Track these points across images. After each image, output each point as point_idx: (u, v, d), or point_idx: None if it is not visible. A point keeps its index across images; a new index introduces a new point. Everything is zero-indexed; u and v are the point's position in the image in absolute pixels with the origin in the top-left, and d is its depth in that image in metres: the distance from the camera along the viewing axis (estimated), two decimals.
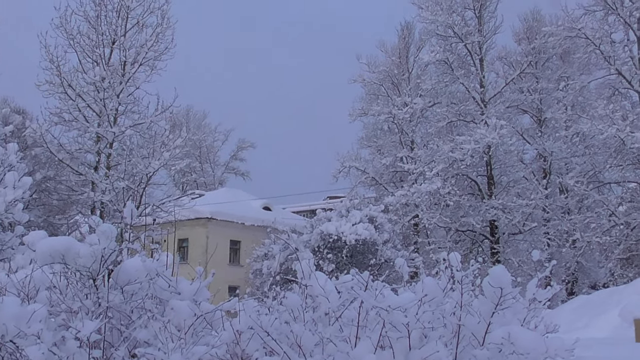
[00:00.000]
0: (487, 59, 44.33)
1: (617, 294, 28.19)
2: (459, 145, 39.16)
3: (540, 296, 7.20)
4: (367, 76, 48.15)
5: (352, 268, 6.99)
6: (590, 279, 42.57)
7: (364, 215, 36.48)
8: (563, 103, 42.98)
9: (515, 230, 41.80)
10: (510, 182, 43.67)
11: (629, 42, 41.39)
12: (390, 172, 46.14)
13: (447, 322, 6.57)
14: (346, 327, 6.52)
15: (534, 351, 6.35)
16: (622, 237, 39.04)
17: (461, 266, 7.02)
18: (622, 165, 40.78)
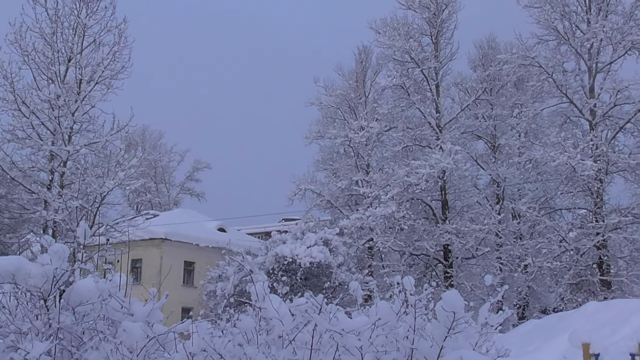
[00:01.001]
0: (443, 84, 44.80)
1: (566, 319, 28.55)
2: (414, 169, 39.44)
3: (492, 320, 7.27)
4: (324, 99, 48.33)
5: (307, 291, 6.99)
6: (541, 304, 42.99)
7: (318, 238, 36.49)
8: (517, 130, 43.60)
9: (468, 255, 42.12)
10: (464, 207, 44.04)
11: (580, 71, 42.22)
12: (345, 196, 46.26)
13: (400, 346, 6.59)
14: (300, 350, 6.51)
15: None
16: (572, 262, 39.59)
17: (415, 290, 7.06)
18: (572, 192, 41.44)
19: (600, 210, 40.19)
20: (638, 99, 40.43)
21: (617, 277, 40.21)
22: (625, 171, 41.63)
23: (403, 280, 7.32)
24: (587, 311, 29.19)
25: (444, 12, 44.16)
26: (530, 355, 22.08)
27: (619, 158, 40.40)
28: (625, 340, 20.43)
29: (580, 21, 42.21)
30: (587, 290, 40.15)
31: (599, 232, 39.26)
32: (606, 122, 42.05)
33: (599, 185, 40.05)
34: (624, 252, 41.73)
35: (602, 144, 40.28)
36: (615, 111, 41.75)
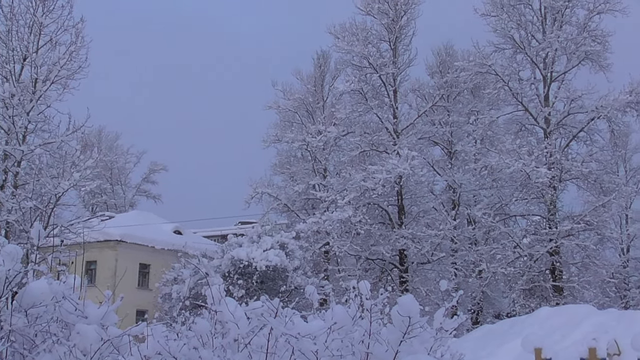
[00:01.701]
0: (400, 90, 45.03)
1: (519, 324, 28.84)
2: (371, 174, 39.58)
3: (447, 325, 7.33)
4: (282, 103, 48.32)
5: (263, 294, 6.99)
6: (495, 309, 43.40)
7: (275, 242, 36.43)
8: (473, 136, 43.99)
9: (424, 260, 42.36)
10: (420, 212, 44.30)
11: (536, 80, 42.81)
12: (302, 199, 46.24)
13: (356, 350, 6.62)
14: (255, 354, 6.50)
15: None
16: (526, 268, 40.04)
17: (370, 294, 7.10)
18: (527, 198, 41.94)
19: (554, 217, 40.72)
20: (591, 108, 41.06)
21: (569, 283, 40.76)
22: (578, 179, 42.27)
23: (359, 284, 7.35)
24: (539, 316, 29.52)
25: (402, 18, 44.41)
26: None
27: (572, 166, 40.99)
28: (576, 345, 20.70)
29: (536, 31, 42.79)
30: (539, 296, 40.63)
31: (552, 238, 39.78)
32: (560, 131, 42.66)
33: (552, 192, 40.58)
34: (576, 258, 42.33)
35: (556, 152, 40.84)
36: (569, 120, 42.39)
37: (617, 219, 47.95)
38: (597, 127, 42.91)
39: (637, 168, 49.59)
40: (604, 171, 42.75)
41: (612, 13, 41.82)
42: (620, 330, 24.22)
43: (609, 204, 41.22)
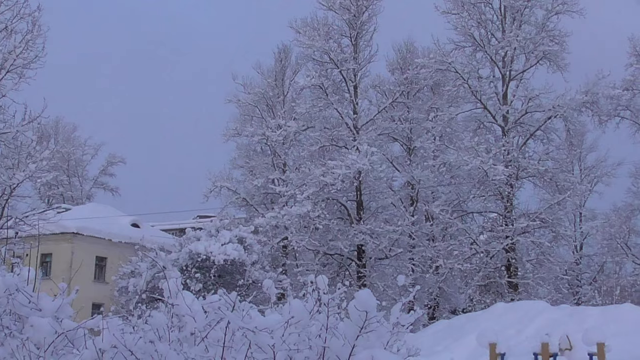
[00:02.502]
0: (361, 86, 45.13)
1: (474, 319, 29.17)
2: (331, 169, 39.63)
3: (404, 320, 7.37)
4: (243, 97, 48.12)
5: (220, 288, 6.97)
6: (451, 304, 43.75)
7: (233, 236, 36.34)
8: (432, 133, 44.23)
9: (381, 255, 42.56)
10: (378, 208, 44.49)
11: (495, 78, 43.23)
12: (261, 194, 46.16)
13: (313, 344, 6.62)
14: (212, 348, 6.48)
15: None
16: (482, 264, 40.47)
17: (328, 289, 7.11)
18: (484, 195, 42.37)
19: (510, 215, 41.18)
20: (548, 107, 41.56)
21: (524, 280, 41.30)
22: (535, 177, 42.80)
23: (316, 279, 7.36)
24: (494, 312, 29.90)
25: (364, 14, 44.51)
26: (440, 355, 22.45)
27: (529, 164, 41.49)
28: (530, 341, 21.01)
29: (496, 29, 43.20)
30: (495, 292, 41.10)
31: (508, 235, 40.24)
32: (518, 129, 43.14)
33: (509, 190, 41.03)
34: (531, 255, 42.87)
35: (513, 150, 41.30)
36: (526, 118, 42.87)
37: (572, 217, 48.64)
38: (554, 126, 43.52)
39: (591, 167, 50.31)
40: (559, 169, 43.34)
41: (569, 14, 42.39)
42: (572, 326, 24.60)
43: (563, 202, 41.79)
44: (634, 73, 44.74)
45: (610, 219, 45.87)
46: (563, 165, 45.00)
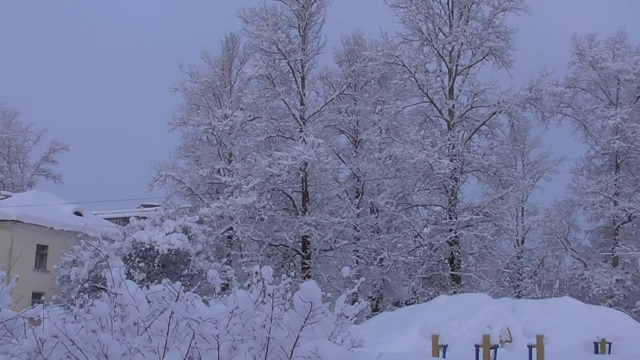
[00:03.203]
0: (308, 77, 45.14)
1: (417, 311, 29.48)
2: (277, 160, 39.58)
3: (348, 311, 7.41)
4: (189, 86, 47.70)
5: (164, 278, 6.93)
6: (395, 296, 44.09)
7: (178, 225, 36.06)
8: (378, 126, 44.43)
9: (326, 247, 42.68)
10: (324, 200, 44.58)
11: (441, 73, 43.60)
12: (206, 184, 45.89)
13: (257, 335, 6.63)
14: (155, 338, 6.44)
15: None
16: (426, 257, 40.86)
17: (273, 280, 7.11)
18: (429, 189, 42.72)
19: (454, 208, 41.64)
20: (493, 102, 42.07)
21: (467, 272, 41.84)
22: (479, 171, 43.33)
23: (261, 269, 7.36)
24: (437, 304, 30.24)
25: (312, 5, 44.50)
26: (383, 346, 22.61)
27: (473, 158, 41.97)
28: (471, 333, 21.31)
29: (443, 24, 43.54)
30: (438, 284, 41.53)
31: (452, 228, 40.68)
32: (463, 123, 43.59)
33: (453, 183, 41.46)
34: (474, 248, 43.42)
35: (458, 144, 41.73)
36: (472, 113, 43.37)
37: (514, 211, 49.36)
38: (498, 121, 44.09)
39: (534, 162, 51.09)
40: (503, 164, 43.96)
41: (515, 11, 42.91)
42: (513, 318, 25.06)
43: (506, 197, 42.38)
44: (576, 71, 45.59)
45: (551, 214, 46.66)
46: (506, 160, 45.63)
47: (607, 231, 45.10)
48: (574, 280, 45.42)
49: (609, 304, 39.67)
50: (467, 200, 43.88)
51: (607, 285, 41.51)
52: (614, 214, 43.51)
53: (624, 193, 44.14)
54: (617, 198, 43.55)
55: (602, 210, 43.81)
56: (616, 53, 45.08)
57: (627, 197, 44.17)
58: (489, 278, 43.72)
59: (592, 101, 45.99)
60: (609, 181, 43.60)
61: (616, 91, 45.29)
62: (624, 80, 44.14)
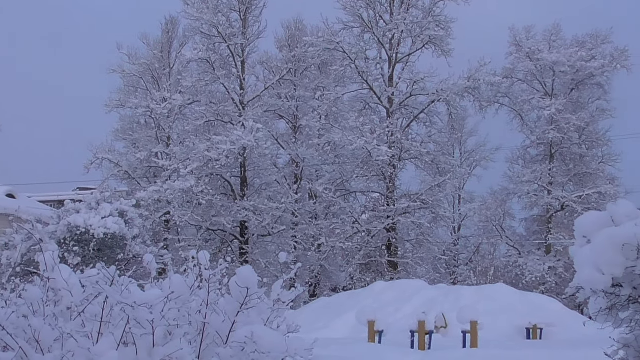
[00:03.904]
0: (248, 62, 44.92)
1: (354, 297, 29.69)
2: (215, 145, 39.36)
3: (285, 297, 7.42)
4: (127, 67, 47.02)
5: (99, 262, 6.84)
6: (332, 282, 44.34)
7: (114, 209, 35.54)
8: (318, 112, 44.48)
9: (264, 232, 42.64)
10: (262, 185, 44.51)
11: (382, 60, 43.79)
12: (144, 167, 45.36)
13: (193, 320, 6.60)
14: (89, 323, 6.36)
15: (276, 350, 6.54)
16: (363, 243, 41.16)
17: (210, 265, 7.09)
18: (367, 175, 43.01)
19: (392, 195, 41.97)
20: (432, 91, 42.45)
21: (404, 259, 42.27)
22: (417, 159, 43.71)
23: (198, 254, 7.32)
24: (374, 290, 30.50)
25: None
26: (320, 332, 22.74)
27: (411, 146, 42.33)
28: (407, 319, 21.54)
29: (384, 12, 43.71)
30: (375, 271, 41.89)
31: (390, 215, 41.02)
32: (402, 111, 43.91)
33: (392, 170, 41.79)
34: (411, 235, 43.88)
35: (397, 132, 42.04)
36: (411, 101, 43.69)
37: (451, 199, 50.04)
38: (437, 109, 44.50)
39: (471, 151, 51.79)
40: (440, 152, 44.41)
41: (455, 1, 43.28)
42: (448, 305, 25.42)
43: (444, 184, 42.89)
44: (514, 62, 46.33)
45: (487, 202, 47.42)
46: (444, 148, 46.12)
47: (541, 219, 45.99)
48: (508, 267, 46.28)
49: (541, 290, 40.52)
50: (405, 187, 44.34)
51: (540, 273, 42.42)
52: (547, 203, 44.40)
53: (558, 182, 45.07)
54: (551, 187, 44.44)
55: (536, 199, 44.68)
56: (552, 45, 45.95)
57: (560, 186, 45.11)
58: (426, 265, 44.29)
59: (528, 92, 46.79)
60: (543, 171, 44.46)
61: (552, 82, 46.17)
62: (559, 72, 45.01)
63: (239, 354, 6.44)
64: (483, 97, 44.20)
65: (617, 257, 5.93)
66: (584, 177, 45.46)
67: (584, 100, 46.47)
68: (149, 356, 6.05)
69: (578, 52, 44.47)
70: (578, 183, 45.66)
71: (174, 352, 6.01)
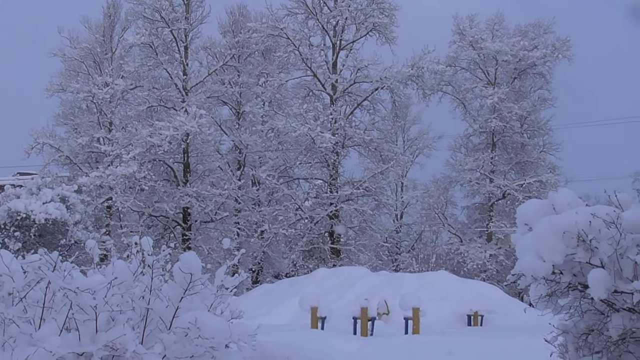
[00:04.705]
0: (192, 47, 44.58)
1: (297, 284, 29.84)
2: (158, 130, 39.05)
3: (228, 283, 7.46)
4: (68, 51, 46.33)
5: (41, 248, 6.80)
6: (275, 269, 44.41)
7: (55, 195, 35.15)
8: (261, 98, 44.37)
9: (207, 219, 42.49)
10: (205, 171, 44.31)
11: (325, 47, 43.82)
12: (86, 152, 44.79)
13: (136, 306, 6.60)
14: (31, 308, 6.33)
15: (219, 336, 6.58)
16: (306, 230, 41.28)
17: (153, 251, 7.09)
18: (310, 162, 43.09)
19: (335, 182, 42.12)
20: (375, 78, 42.64)
21: (346, 246, 42.52)
22: (360, 146, 43.92)
23: (141, 240, 7.32)
24: (316, 277, 30.67)
25: None
26: (262, 318, 22.78)
27: (355, 133, 42.49)
28: (349, 305, 21.72)
29: None
30: (318, 257, 42.07)
31: (333, 202, 41.18)
32: (346, 98, 44.03)
33: (335, 157, 41.93)
34: (354, 222, 44.13)
35: (340, 119, 42.15)
36: (354, 88, 43.82)
37: (394, 186, 50.43)
38: (381, 97, 44.69)
39: (414, 139, 52.23)
40: (384, 140, 44.64)
41: None
42: (390, 292, 25.68)
43: (386, 172, 43.19)
44: (457, 50, 46.72)
45: (429, 189, 47.92)
46: (387, 135, 46.39)
47: (483, 207, 46.62)
48: (450, 254, 46.82)
49: (482, 278, 41.09)
50: (348, 174, 44.50)
51: (481, 260, 43.02)
52: (489, 191, 45.01)
53: (499, 171, 45.73)
54: (493, 175, 45.06)
55: (478, 187, 45.27)
56: (495, 34, 46.49)
57: (502, 174, 45.77)
58: (368, 252, 44.59)
59: (471, 80, 47.30)
60: (485, 159, 45.04)
61: (494, 71, 46.75)
62: (502, 61, 45.58)
63: (183, 340, 6.47)
64: (426, 85, 44.50)
65: (558, 245, 6.06)
66: (525, 166, 46.17)
67: (526, 89, 47.14)
68: (92, 342, 6.04)
69: (520, 42, 45.07)
70: (519, 171, 46.34)
71: (117, 337, 6.02)
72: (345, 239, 43.41)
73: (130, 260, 7.10)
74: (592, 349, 6.51)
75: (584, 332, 6.58)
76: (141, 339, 6.44)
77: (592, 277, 5.91)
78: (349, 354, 13.03)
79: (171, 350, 6.45)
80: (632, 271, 5.85)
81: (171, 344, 6.46)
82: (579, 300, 6.47)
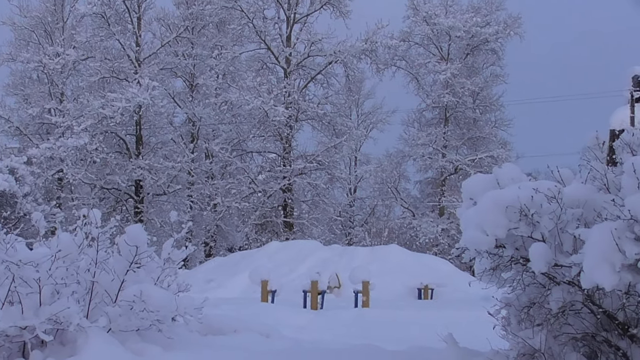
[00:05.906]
0: (145, 18, 44.05)
1: (249, 257, 29.89)
2: (110, 102, 38.63)
3: (175, 256, 7.47)
4: (18, 20, 45.42)
5: None
6: (228, 242, 44.35)
7: (4, 166, 34.62)
8: (215, 71, 44.08)
9: (160, 191, 42.26)
10: (158, 144, 43.99)
11: (279, 20, 43.71)
12: (36, 124, 44.11)
13: (82, 279, 6.58)
14: None
15: (165, 308, 6.60)
16: (259, 204, 41.29)
17: (103, 224, 7.05)
18: (264, 136, 43.04)
19: (289, 156, 42.15)
20: (329, 52, 42.60)
21: (299, 220, 42.63)
22: (313, 120, 43.97)
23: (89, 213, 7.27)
24: (268, 250, 30.75)
25: None
26: (213, 292, 22.82)
27: (308, 107, 42.50)
28: (301, 279, 21.84)
29: None
30: (271, 231, 42.14)
31: (286, 176, 41.22)
32: (299, 72, 43.98)
33: (288, 131, 41.92)
34: (307, 196, 44.26)
35: (294, 92, 42.10)
36: (308, 62, 43.78)
37: (347, 160, 50.53)
38: (334, 71, 44.70)
39: (367, 113, 52.32)
40: (337, 114, 44.72)
41: None
42: (342, 265, 25.84)
43: (340, 146, 43.30)
44: (411, 26, 46.79)
45: (382, 164, 48.15)
46: (341, 110, 46.45)
47: (435, 182, 47.00)
48: (402, 228, 47.22)
49: (434, 252, 41.50)
50: (302, 148, 44.56)
51: (433, 234, 43.45)
52: (441, 166, 45.38)
53: (452, 146, 46.10)
54: (445, 150, 45.42)
55: (430, 161, 45.62)
56: (449, 10, 46.66)
57: (454, 149, 46.17)
58: (321, 225, 44.78)
59: (424, 55, 47.49)
60: (438, 134, 45.36)
61: (447, 47, 46.99)
62: (455, 36, 45.79)
63: (128, 313, 6.47)
64: (380, 59, 44.60)
65: (501, 219, 6.14)
66: (477, 141, 46.59)
67: (479, 65, 47.47)
68: (35, 315, 6.01)
69: (473, 18, 45.29)
70: (471, 147, 46.76)
71: (61, 310, 6.00)
72: (298, 212, 43.52)
73: (76, 233, 7.05)
74: (533, 321, 6.64)
75: (525, 305, 6.71)
76: (86, 312, 6.43)
77: (533, 250, 6.01)
78: (297, 327, 13.12)
79: (117, 323, 6.45)
80: (572, 245, 5.96)
81: (117, 317, 6.46)
82: (521, 274, 6.58)
